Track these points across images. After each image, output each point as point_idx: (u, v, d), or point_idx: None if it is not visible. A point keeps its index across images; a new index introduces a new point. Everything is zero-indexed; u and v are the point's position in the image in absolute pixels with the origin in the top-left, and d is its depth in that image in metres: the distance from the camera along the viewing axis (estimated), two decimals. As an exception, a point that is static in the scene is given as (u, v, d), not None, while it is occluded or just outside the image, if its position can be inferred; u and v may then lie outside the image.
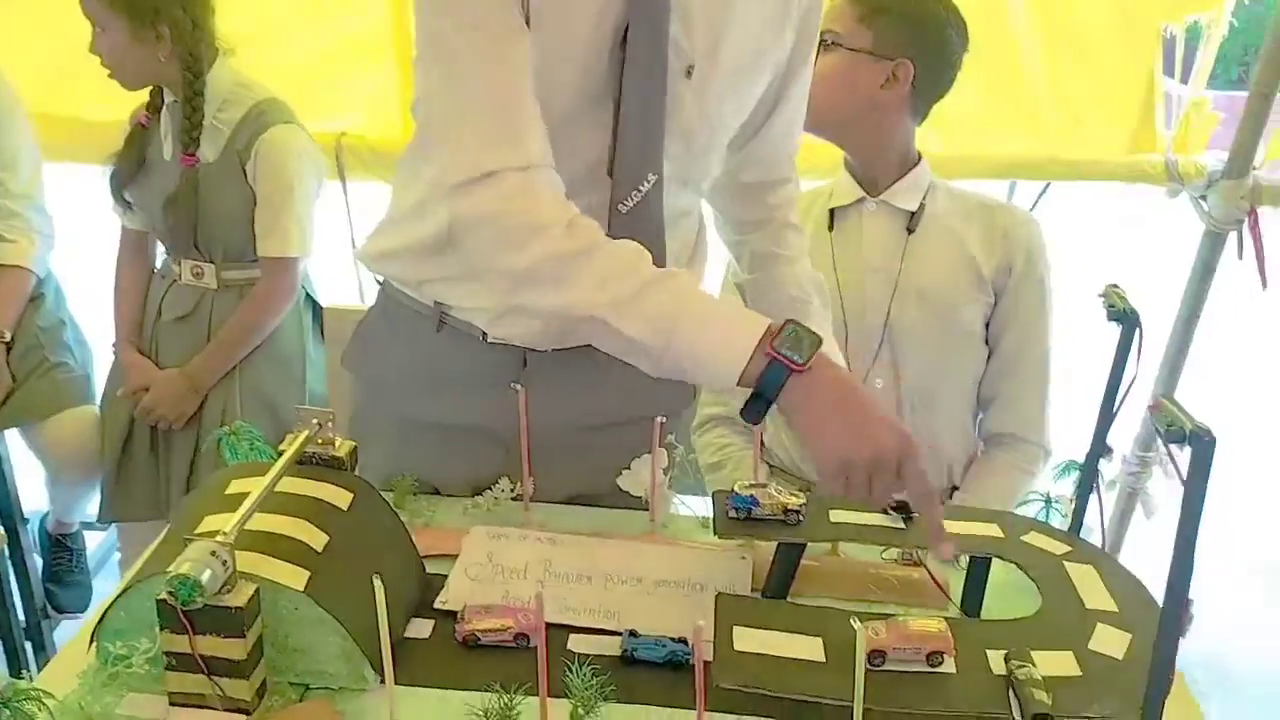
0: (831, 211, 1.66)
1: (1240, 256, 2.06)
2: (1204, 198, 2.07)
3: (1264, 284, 2.03)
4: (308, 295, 2.18)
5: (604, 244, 1.03)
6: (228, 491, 1.04)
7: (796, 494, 1.10)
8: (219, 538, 0.89)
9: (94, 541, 2.66)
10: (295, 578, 0.93)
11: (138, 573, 0.98)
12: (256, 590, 0.90)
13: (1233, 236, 2.05)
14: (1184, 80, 2.13)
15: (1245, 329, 5.24)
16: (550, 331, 1.22)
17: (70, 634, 1.04)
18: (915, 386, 1.62)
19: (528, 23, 1.05)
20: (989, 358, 1.67)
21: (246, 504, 0.95)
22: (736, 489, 1.10)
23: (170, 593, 0.85)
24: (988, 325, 1.65)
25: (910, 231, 1.61)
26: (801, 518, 1.09)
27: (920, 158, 1.65)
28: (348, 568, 0.98)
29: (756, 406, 0.99)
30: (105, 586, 2.55)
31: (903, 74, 1.54)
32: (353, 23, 2.12)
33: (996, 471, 1.66)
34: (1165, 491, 2.22)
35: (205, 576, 0.85)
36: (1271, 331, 5.49)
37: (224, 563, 0.88)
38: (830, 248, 1.64)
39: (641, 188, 1.13)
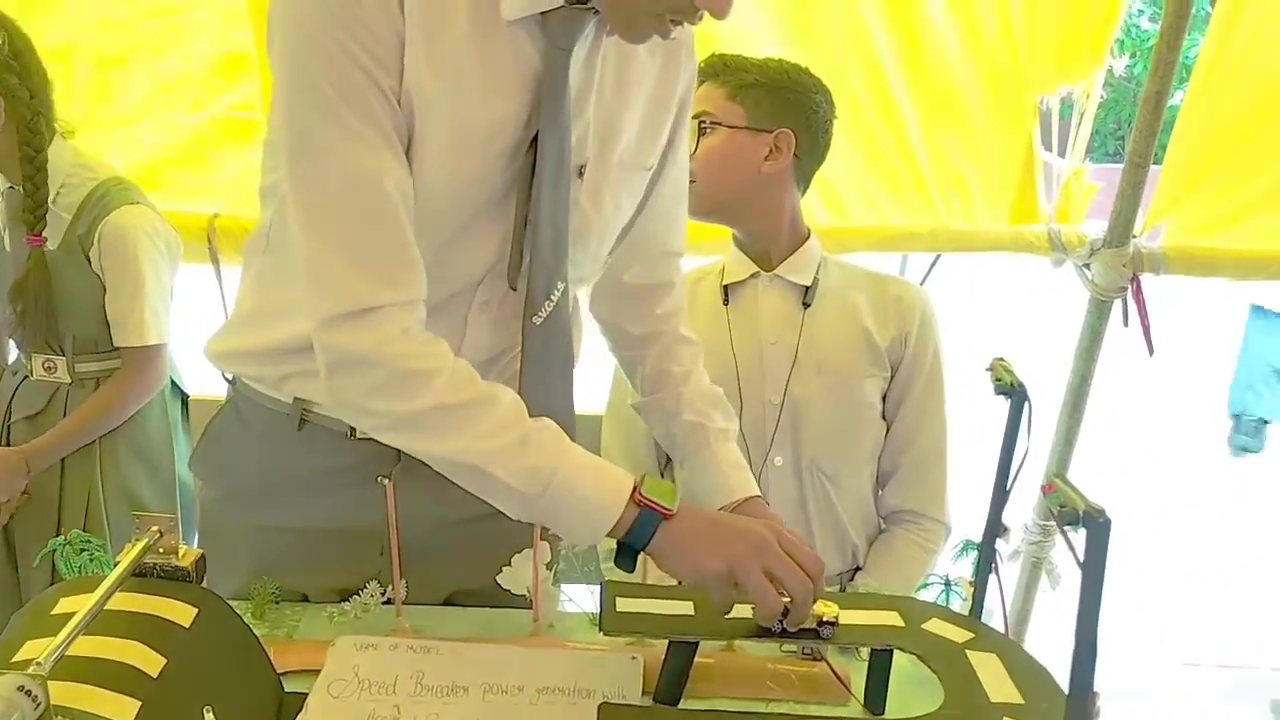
0: (725, 287, 1.63)
1: (1125, 324, 2.08)
2: (1088, 266, 2.10)
3: (1150, 351, 2.06)
4: (174, 384, 2.05)
5: (488, 396, 1.02)
6: (54, 611, 0.93)
7: (829, 603, 1.00)
8: (31, 669, 0.78)
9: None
10: (123, 710, 0.82)
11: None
12: (75, 728, 0.79)
13: (1118, 304, 2.08)
14: (1062, 153, 2.18)
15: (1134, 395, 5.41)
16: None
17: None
18: (815, 463, 1.59)
19: (407, 136, 1.00)
20: (887, 432, 1.64)
21: (69, 626, 0.84)
22: None
23: (-33, 739, 0.74)
24: (884, 399, 1.63)
25: (806, 306, 1.59)
26: (836, 628, 0.99)
27: (810, 232, 1.64)
28: (188, 695, 0.88)
29: (627, 557, 1.03)
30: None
31: (784, 143, 1.53)
32: (222, 101, 2.04)
33: (898, 551, 1.63)
34: (1070, 562, 2.21)
35: (12, 719, 0.75)
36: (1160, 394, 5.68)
37: (34, 698, 0.77)
38: (726, 323, 1.61)
39: (553, 297, 1.09)
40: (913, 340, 1.61)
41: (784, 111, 1.53)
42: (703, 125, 1.52)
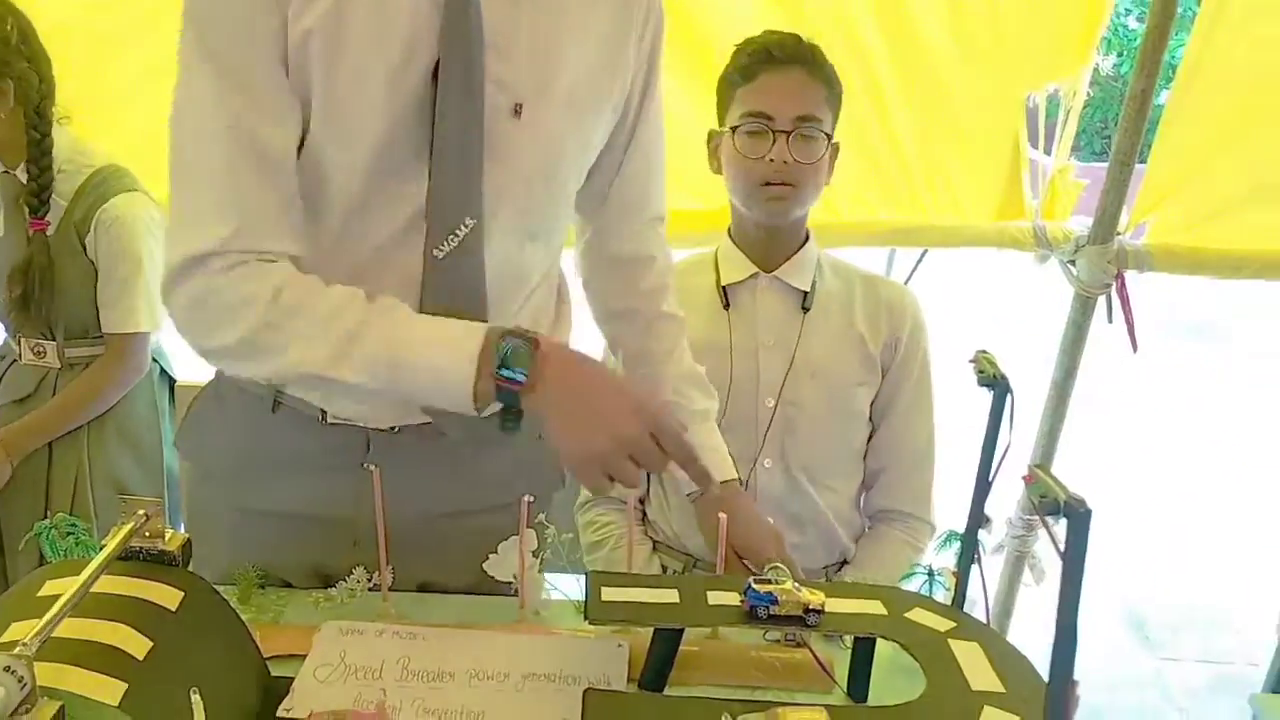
0: (725, 289, 1.60)
1: (1110, 320, 2.10)
2: (1072, 263, 2.11)
3: (1134, 347, 2.07)
4: (163, 371, 2.06)
5: (309, 301, 1.00)
6: (40, 594, 0.93)
7: (816, 591, 1.01)
8: (17, 649, 0.78)
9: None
10: (109, 691, 0.83)
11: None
12: (61, 708, 0.79)
13: (1102, 301, 2.09)
14: (1048, 150, 2.19)
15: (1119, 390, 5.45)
16: (376, 404, 1.15)
17: None
18: (804, 467, 1.59)
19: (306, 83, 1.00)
20: (873, 433, 1.65)
21: (55, 608, 0.84)
22: (753, 584, 1.00)
23: (-47, 718, 0.75)
24: (872, 403, 1.63)
25: (806, 310, 1.58)
26: (822, 616, 1.00)
27: (809, 235, 1.62)
28: (174, 678, 0.88)
29: (507, 418, 1.01)
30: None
31: (836, 157, 1.54)
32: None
33: (885, 548, 1.64)
34: (1053, 556, 2.23)
35: (-3, 697, 0.75)
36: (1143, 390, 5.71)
37: (20, 679, 0.77)
38: (728, 326, 1.59)
39: (458, 232, 1.07)
40: (903, 345, 1.61)
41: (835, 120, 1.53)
42: (807, 129, 1.47)
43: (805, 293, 1.59)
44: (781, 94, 1.48)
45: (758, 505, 1.57)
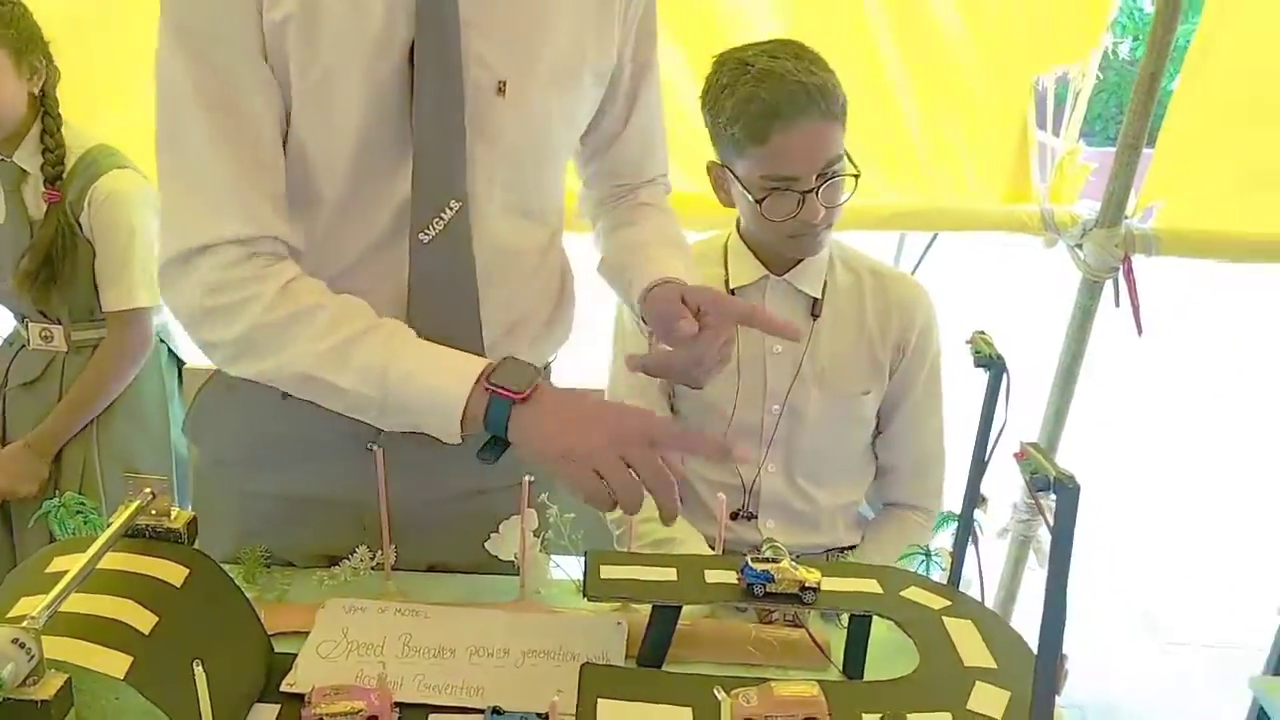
0: (733, 292, 1.55)
1: (1117, 304, 2.10)
2: (1079, 246, 2.11)
3: (1139, 331, 2.07)
4: (171, 352, 2.07)
5: (309, 308, 1.02)
6: (48, 570, 0.95)
7: (813, 570, 1.03)
8: (25, 623, 0.80)
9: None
10: (115, 664, 0.84)
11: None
12: (68, 681, 0.81)
13: (1109, 285, 2.09)
14: (1056, 133, 2.19)
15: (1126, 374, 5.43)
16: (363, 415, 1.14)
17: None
18: (808, 470, 1.60)
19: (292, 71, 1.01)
20: (881, 427, 1.65)
21: (62, 583, 0.86)
22: (750, 562, 1.03)
23: (-37, 688, 0.76)
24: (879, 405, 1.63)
25: (815, 316, 1.56)
26: (818, 594, 1.02)
27: None
28: (179, 652, 0.89)
29: (493, 447, 1.00)
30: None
31: None
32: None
33: (892, 534, 1.64)
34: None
35: (6, 669, 0.77)
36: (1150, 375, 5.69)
37: (27, 651, 0.79)
38: (736, 330, 1.56)
39: (444, 215, 1.08)
40: (913, 346, 1.59)
41: None
42: (841, 170, 1.43)
43: (816, 299, 1.56)
44: (800, 154, 1.39)
45: (761, 507, 1.60)
